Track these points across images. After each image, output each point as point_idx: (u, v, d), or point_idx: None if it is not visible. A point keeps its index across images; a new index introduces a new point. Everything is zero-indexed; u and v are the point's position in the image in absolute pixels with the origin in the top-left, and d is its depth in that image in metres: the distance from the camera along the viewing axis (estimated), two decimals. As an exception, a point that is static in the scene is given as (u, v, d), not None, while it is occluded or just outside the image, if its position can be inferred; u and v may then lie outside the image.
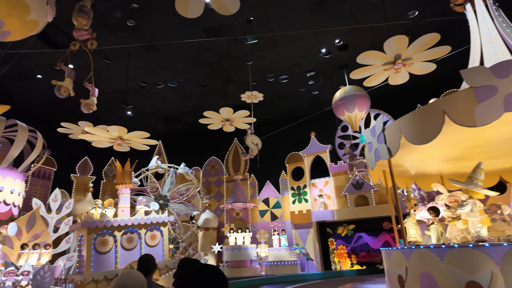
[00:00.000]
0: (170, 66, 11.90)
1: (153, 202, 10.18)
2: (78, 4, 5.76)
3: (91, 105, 6.38)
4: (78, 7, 5.70)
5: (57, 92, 5.94)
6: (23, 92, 13.40)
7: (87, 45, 5.95)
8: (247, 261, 12.58)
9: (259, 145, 9.45)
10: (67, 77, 6.09)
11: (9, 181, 6.42)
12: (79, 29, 5.75)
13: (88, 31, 5.82)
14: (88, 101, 6.35)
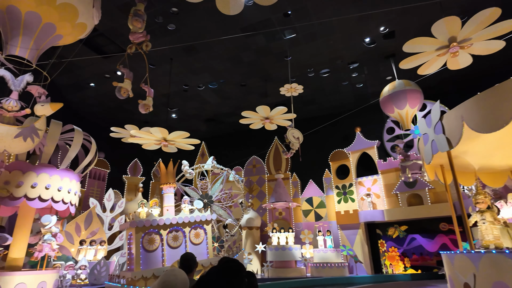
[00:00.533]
0: (210, 67, 12.06)
1: (197, 201, 10.34)
2: (132, 9, 5.99)
3: (148, 105, 6.54)
4: (133, 11, 5.92)
5: (118, 94, 6.09)
6: (79, 100, 14.51)
7: (142, 47, 6.14)
8: (292, 262, 12.29)
9: (300, 138, 9.10)
10: (126, 79, 6.26)
11: (66, 181, 6.88)
12: (134, 32, 5.96)
13: (143, 34, 6.02)
14: (145, 102, 6.54)
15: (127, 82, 6.23)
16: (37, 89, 5.45)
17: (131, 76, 6.41)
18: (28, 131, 5.08)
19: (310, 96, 14.17)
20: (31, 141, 5.10)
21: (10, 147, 4.98)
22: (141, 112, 6.58)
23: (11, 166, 6.43)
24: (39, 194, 6.44)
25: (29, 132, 5.09)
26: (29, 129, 5.12)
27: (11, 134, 4.92)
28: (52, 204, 6.63)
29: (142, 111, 6.55)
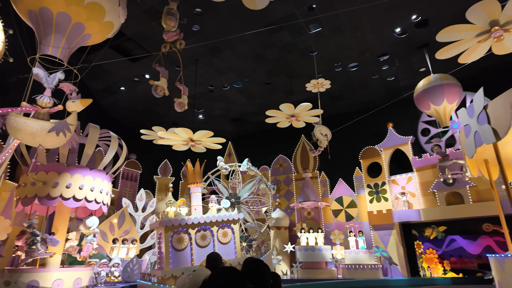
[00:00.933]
0: (234, 67, 12.04)
1: (224, 200, 10.34)
2: (165, 8, 6.06)
3: (184, 103, 6.56)
4: (166, 10, 5.99)
5: (154, 92, 6.17)
6: (111, 104, 15.10)
7: (176, 45, 6.17)
8: (322, 263, 11.94)
9: (328, 135, 8.75)
10: (162, 77, 6.31)
11: (98, 182, 7.14)
12: (168, 31, 6.02)
13: (176, 32, 6.05)
14: (181, 100, 6.57)
15: (163, 80, 6.27)
16: (68, 87, 5.69)
17: (167, 75, 6.44)
18: (61, 126, 5.31)
19: (338, 92, 13.73)
20: (63, 136, 5.33)
21: (45, 142, 5.23)
22: (177, 110, 6.60)
23: (48, 167, 6.75)
24: (73, 194, 6.71)
25: (61, 127, 5.32)
26: (61, 124, 5.37)
27: (45, 129, 5.17)
28: (85, 204, 6.88)
29: (177, 110, 6.57)
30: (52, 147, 5.72)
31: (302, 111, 10.28)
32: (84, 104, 5.63)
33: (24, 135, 5.08)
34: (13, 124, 5.07)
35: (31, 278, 5.99)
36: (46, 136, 5.10)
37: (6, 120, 5.07)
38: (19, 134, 5.09)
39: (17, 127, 5.08)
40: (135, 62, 11.72)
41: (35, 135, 5.06)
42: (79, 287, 6.48)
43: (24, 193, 6.61)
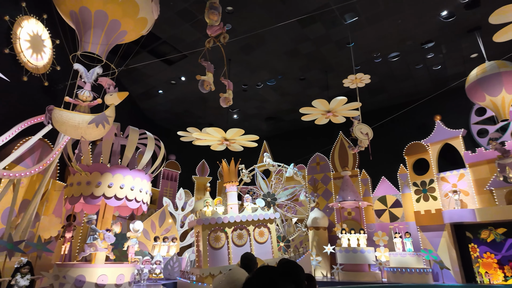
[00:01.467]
0: (267, 64, 11.85)
1: (259, 199, 10.21)
2: (208, 2, 6.07)
3: (229, 98, 6.48)
4: (208, 5, 6.00)
5: (201, 87, 6.12)
6: (150, 107, 15.69)
7: (220, 39, 6.07)
8: (365, 265, 11.33)
9: (369, 134, 8.19)
10: (208, 72, 6.26)
11: (138, 181, 7.37)
12: (211, 25, 6.02)
13: (220, 26, 6.01)
14: (226, 95, 6.51)
15: (210, 75, 6.21)
16: (106, 81, 5.96)
17: (213, 69, 6.36)
18: (100, 118, 5.60)
19: (378, 85, 12.95)
20: (102, 127, 5.60)
21: (86, 133, 5.56)
22: (222, 105, 6.50)
23: (91, 168, 7.09)
24: (115, 193, 6.98)
25: (100, 119, 5.61)
26: (100, 116, 5.67)
27: (86, 121, 5.51)
28: (126, 202, 7.12)
29: (223, 105, 6.50)
30: (93, 138, 6.04)
31: (337, 105, 9.83)
32: (121, 97, 5.87)
33: (67, 127, 5.45)
34: (58, 118, 5.48)
35: (79, 273, 6.31)
36: (87, 128, 5.41)
37: (51, 114, 5.43)
38: (63, 127, 5.49)
39: (61, 120, 5.46)
40: (171, 65, 12.02)
41: (77, 127, 5.39)
42: (122, 283, 6.71)
43: (71, 192, 7.01)
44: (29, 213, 6.20)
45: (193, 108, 15.73)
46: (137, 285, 8.77)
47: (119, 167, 7.27)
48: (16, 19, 6.92)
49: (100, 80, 5.99)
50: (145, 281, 9.11)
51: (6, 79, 5.49)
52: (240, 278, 2.21)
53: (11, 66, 6.84)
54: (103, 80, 5.95)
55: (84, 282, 6.28)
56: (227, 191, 9.38)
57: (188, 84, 13.40)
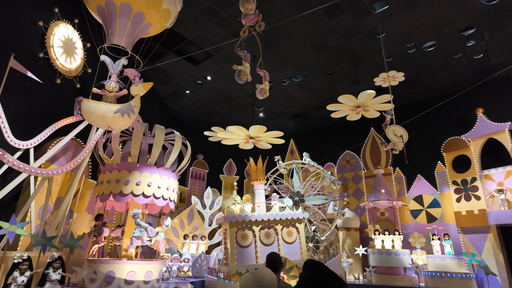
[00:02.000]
0: (293, 59, 11.57)
1: (287, 198, 9.99)
2: None
3: (265, 90, 6.17)
4: None
5: (237, 78, 5.92)
6: (179, 108, 15.96)
7: (255, 28, 5.91)
8: (400, 268, 10.71)
9: (404, 137, 7.55)
10: (245, 61, 6.08)
11: (165, 179, 7.45)
12: (246, 14, 5.90)
13: (255, 14, 5.88)
14: (262, 86, 6.20)
15: (246, 65, 6.00)
16: (132, 72, 6.06)
17: (249, 59, 6.16)
18: (125, 108, 5.74)
19: (412, 77, 12.20)
20: (127, 117, 5.72)
21: (112, 123, 5.72)
22: (258, 97, 6.23)
23: (120, 166, 7.24)
24: (142, 191, 7.07)
25: (126, 109, 5.74)
26: (126, 106, 5.81)
27: (111, 111, 5.66)
28: (153, 200, 7.20)
29: (259, 97, 6.20)
30: (119, 129, 6.17)
31: (366, 100, 9.34)
32: (146, 87, 5.96)
33: (95, 117, 5.65)
34: (86, 108, 5.74)
35: (109, 269, 6.45)
36: (113, 118, 5.57)
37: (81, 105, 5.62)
38: (90, 117, 5.71)
39: (89, 110, 5.71)
40: (197, 65, 12.10)
41: (103, 117, 5.58)
42: (150, 279, 6.78)
43: (102, 190, 7.20)
44: (62, 210, 6.45)
45: (219, 108, 15.79)
46: (166, 282, 8.88)
47: (146, 165, 7.36)
48: (50, 24, 7.24)
49: (126, 71, 6.13)
50: (174, 279, 9.20)
51: (38, 80, 5.74)
52: (267, 277, 2.20)
53: (45, 69, 7.16)
54: (128, 71, 6.08)
55: (114, 277, 6.40)
56: (254, 189, 9.28)
57: (213, 84, 13.46)
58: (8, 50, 5.64)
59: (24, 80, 6.43)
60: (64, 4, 7.77)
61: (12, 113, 6.19)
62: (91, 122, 5.98)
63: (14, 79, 6.33)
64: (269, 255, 3.36)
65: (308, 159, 12.23)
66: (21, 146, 6.01)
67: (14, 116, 6.24)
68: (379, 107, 9.73)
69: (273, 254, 3.37)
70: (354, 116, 10.26)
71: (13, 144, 5.82)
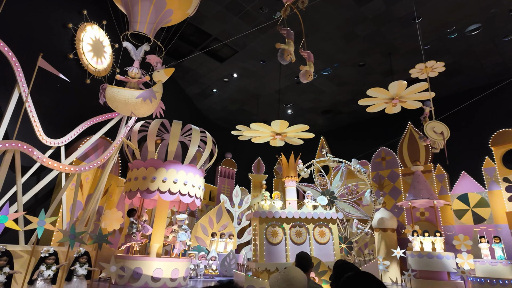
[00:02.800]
0: (321, 51, 11.06)
1: (321, 197, 9.59)
2: None
3: (310, 72, 5.70)
4: None
5: (280, 58, 5.50)
6: (207, 107, 16.03)
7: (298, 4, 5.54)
8: (443, 273, 9.84)
9: (445, 133, 6.72)
10: (288, 39, 5.68)
11: (190, 176, 7.42)
12: None
13: None
14: (307, 68, 5.75)
15: (290, 43, 5.56)
16: (154, 59, 6.07)
17: (293, 37, 5.74)
18: (147, 94, 5.75)
19: (454, 65, 11.19)
20: (149, 102, 5.73)
21: (135, 109, 5.77)
22: (303, 81, 5.79)
23: (147, 163, 7.29)
24: (168, 188, 7.06)
25: (148, 94, 5.75)
26: (148, 92, 5.83)
27: (134, 96, 5.67)
28: (179, 197, 7.16)
29: (303, 80, 5.75)
30: (142, 115, 6.22)
31: (399, 90, 8.64)
32: (168, 73, 5.95)
33: (118, 103, 5.70)
34: (109, 94, 5.82)
35: (136, 265, 6.49)
36: (136, 104, 5.60)
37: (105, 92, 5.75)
38: (114, 103, 5.81)
39: (112, 96, 5.79)
40: (223, 63, 12.01)
41: (126, 103, 5.63)
42: (176, 277, 6.73)
43: (130, 187, 7.29)
44: (91, 206, 6.59)
45: (246, 106, 15.64)
46: (194, 280, 8.85)
47: (172, 162, 7.35)
48: (79, 26, 7.46)
49: (149, 58, 6.15)
50: (202, 277, 9.15)
51: (66, 79, 5.90)
52: (296, 276, 2.20)
53: (75, 70, 7.38)
54: (151, 58, 6.09)
55: (141, 274, 6.42)
56: (286, 186, 9.04)
57: (239, 81, 13.31)
58: (39, 52, 5.84)
59: (56, 81, 6.66)
60: (92, 7, 7.99)
61: (44, 112, 6.42)
62: (115, 109, 6.08)
63: (45, 80, 6.58)
64: (298, 255, 3.32)
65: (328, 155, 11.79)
66: (53, 144, 6.20)
67: (46, 115, 6.47)
68: (417, 96, 8.98)
69: (303, 254, 3.33)
70: (392, 108, 9.57)
71: (45, 143, 6.01)
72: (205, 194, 15.21)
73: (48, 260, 4.26)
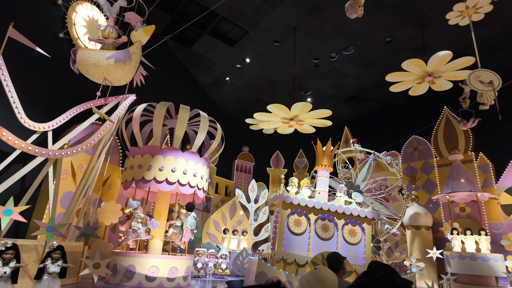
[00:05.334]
0: (342, 27, 9.87)
1: (356, 193, 8.55)
2: None
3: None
4: None
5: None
6: (221, 98, 15.26)
7: None
8: (490, 278, 8.43)
9: (495, 82, 5.30)
10: None
11: (191, 164, 6.72)
12: None
13: None
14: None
15: None
16: (134, 18, 5.33)
17: None
18: (121, 54, 5.13)
19: (500, 36, 9.59)
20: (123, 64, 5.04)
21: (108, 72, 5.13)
22: (350, 16, 4.75)
23: (143, 150, 6.59)
24: (166, 177, 6.32)
25: (121, 55, 5.12)
26: (122, 52, 5.22)
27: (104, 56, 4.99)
28: (178, 187, 6.40)
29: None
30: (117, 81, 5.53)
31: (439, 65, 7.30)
32: (147, 32, 5.21)
33: (88, 67, 5.10)
34: (80, 58, 5.20)
35: (129, 263, 5.80)
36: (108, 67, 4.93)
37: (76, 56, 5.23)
38: (84, 67, 5.19)
39: (82, 59, 5.13)
40: (234, 46, 11.15)
41: (97, 66, 5.04)
42: (174, 277, 5.97)
43: (125, 177, 6.64)
44: (77, 196, 5.98)
45: (263, 95, 14.70)
46: (202, 280, 8.09)
47: (170, 149, 6.60)
48: (71, 3, 6.89)
49: (128, 16, 5.40)
50: (211, 276, 8.39)
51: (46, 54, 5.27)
52: (328, 276, 2.17)
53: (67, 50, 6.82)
54: (130, 16, 5.35)
55: (135, 272, 5.72)
56: (317, 175, 8.16)
57: (253, 67, 12.37)
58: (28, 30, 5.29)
59: (45, 62, 6.12)
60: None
61: (31, 95, 5.89)
62: (86, 74, 5.45)
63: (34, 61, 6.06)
64: (330, 255, 3.26)
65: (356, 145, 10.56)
66: (38, 129, 5.63)
67: (33, 98, 5.94)
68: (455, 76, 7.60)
69: (336, 254, 3.27)
70: (420, 88, 8.25)
71: (28, 126, 5.45)
72: (221, 189, 14.52)
73: (5, 255, 3.64)
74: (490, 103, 5.61)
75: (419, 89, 8.26)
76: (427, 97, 8.19)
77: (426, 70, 7.57)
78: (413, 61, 7.15)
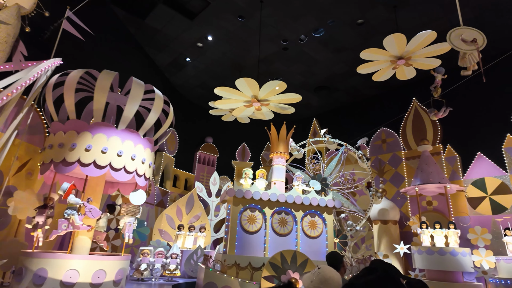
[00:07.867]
0: (312, 4, 9.05)
1: (314, 181, 7.77)
2: None
3: None
4: None
5: None
6: (183, 83, 13.96)
7: None
8: (457, 273, 8.07)
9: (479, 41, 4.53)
10: None
11: (129, 145, 5.55)
12: None
13: None
14: None
15: None
16: None
17: None
18: None
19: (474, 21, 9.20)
20: None
21: None
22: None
23: (67, 126, 5.30)
24: (94, 159, 5.07)
25: None
26: None
27: None
28: (111, 172, 5.18)
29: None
30: None
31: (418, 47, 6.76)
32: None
33: None
34: None
35: (40, 266, 4.53)
36: None
37: None
38: None
39: None
40: (194, 20, 9.96)
41: None
42: (101, 282, 4.77)
43: (42, 159, 5.31)
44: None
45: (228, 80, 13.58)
46: (147, 283, 6.91)
47: (102, 124, 5.36)
48: None
49: None
50: (157, 279, 7.22)
51: None
52: (333, 276, 2.12)
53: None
54: None
55: (45, 278, 4.46)
56: (273, 164, 7.43)
57: (216, 46, 11.23)
58: None
59: None
60: None
61: None
62: None
63: None
64: (329, 255, 3.23)
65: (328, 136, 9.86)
66: None
67: None
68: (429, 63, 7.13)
69: (335, 254, 3.24)
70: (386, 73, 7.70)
71: None
72: (180, 182, 13.31)
73: None
74: (473, 67, 4.97)
75: (384, 74, 7.72)
76: (397, 88, 7.61)
77: (404, 49, 7.02)
78: (395, 36, 6.53)
